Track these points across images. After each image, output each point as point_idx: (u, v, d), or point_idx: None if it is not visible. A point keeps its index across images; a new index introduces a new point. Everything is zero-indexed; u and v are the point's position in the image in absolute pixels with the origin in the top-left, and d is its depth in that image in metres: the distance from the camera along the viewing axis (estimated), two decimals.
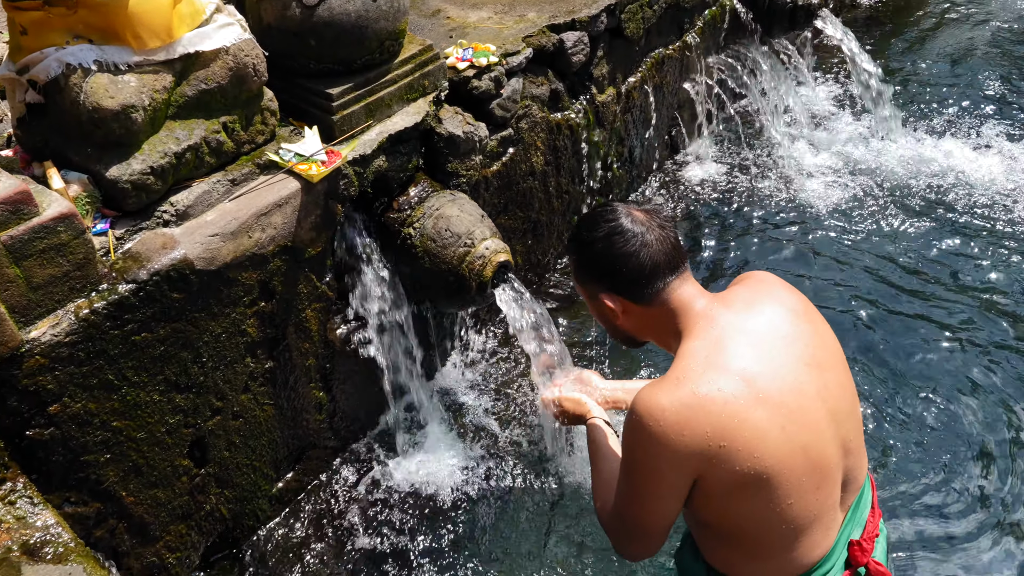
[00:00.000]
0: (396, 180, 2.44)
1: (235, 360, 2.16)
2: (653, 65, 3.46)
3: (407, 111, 2.44)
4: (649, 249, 1.54)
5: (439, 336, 2.79)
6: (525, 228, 3.06)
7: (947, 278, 3.10)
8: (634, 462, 1.52)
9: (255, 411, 2.28)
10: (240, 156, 2.15)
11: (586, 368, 2.33)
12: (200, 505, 2.22)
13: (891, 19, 4.96)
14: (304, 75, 2.30)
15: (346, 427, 2.61)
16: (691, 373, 1.48)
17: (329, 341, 2.42)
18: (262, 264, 2.12)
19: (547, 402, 2.05)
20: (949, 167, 3.65)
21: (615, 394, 2.06)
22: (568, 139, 3.10)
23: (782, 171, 3.75)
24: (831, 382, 1.56)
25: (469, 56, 2.65)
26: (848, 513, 1.62)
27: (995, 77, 4.31)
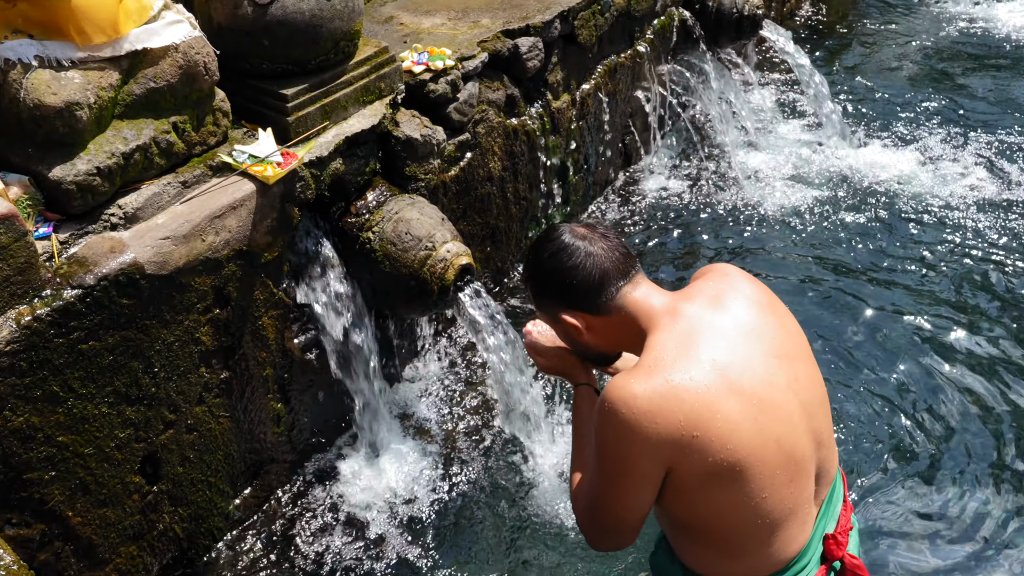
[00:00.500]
0: (353, 184, 2.39)
1: (188, 370, 2.07)
2: (606, 73, 3.48)
3: (363, 113, 2.40)
4: (595, 258, 1.56)
5: (400, 343, 2.73)
6: (484, 234, 3.03)
7: (893, 274, 3.19)
8: (606, 450, 1.50)
9: (210, 424, 2.18)
10: (191, 158, 2.08)
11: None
12: (153, 524, 2.11)
13: (828, 33, 5.11)
14: (257, 76, 2.24)
15: (306, 440, 2.52)
16: (663, 363, 1.46)
17: (287, 350, 2.34)
18: (216, 269, 2.04)
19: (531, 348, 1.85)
20: (889, 171, 3.76)
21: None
22: (525, 145, 3.09)
23: (733, 177, 3.81)
24: (801, 374, 1.56)
25: (425, 60, 2.63)
26: (822, 507, 1.61)
27: (927, 87, 4.47)
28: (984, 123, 4.07)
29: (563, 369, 1.82)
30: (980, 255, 3.23)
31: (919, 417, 2.59)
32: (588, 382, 1.78)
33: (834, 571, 1.59)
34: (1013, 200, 3.51)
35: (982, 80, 4.50)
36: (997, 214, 3.44)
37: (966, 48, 4.83)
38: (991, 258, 3.22)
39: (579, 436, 1.72)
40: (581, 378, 1.79)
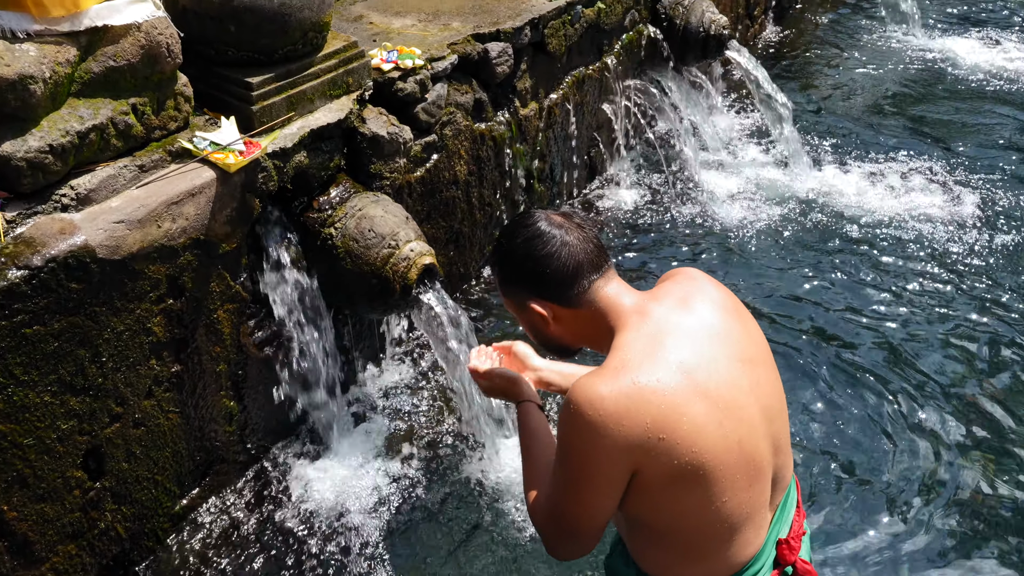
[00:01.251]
0: (317, 178, 2.35)
1: (138, 361, 1.99)
2: (574, 83, 3.50)
3: (330, 107, 2.36)
4: (570, 248, 1.53)
5: (359, 342, 2.68)
6: (447, 238, 3.00)
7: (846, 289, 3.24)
8: (570, 453, 1.47)
9: (159, 419, 2.10)
10: (150, 142, 2.01)
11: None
12: (94, 523, 2.02)
13: (790, 58, 5.22)
14: (222, 63, 2.19)
15: (258, 439, 2.45)
16: (630, 364, 1.44)
17: (242, 345, 2.28)
18: (172, 257, 1.98)
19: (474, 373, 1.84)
20: (845, 192, 3.84)
21: (550, 375, 1.97)
22: (491, 150, 3.08)
23: (695, 194, 3.84)
24: (762, 379, 1.56)
25: (394, 58, 2.60)
26: (776, 512, 1.61)
27: (883, 113, 4.59)
28: (936, 147, 4.19)
29: (504, 390, 1.80)
30: (930, 271, 3.30)
31: (871, 427, 2.62)
32: (530, 399, 1.76)
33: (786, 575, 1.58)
34: (963, 219, 3.61)
35: (936, 107, 4.63)
36: (948, 232, 3.53)
37: (922, 77, 4.98)
38: (940, 273, 3.29)
39: (528, 452, 1.69)
40: (523, 396, 1.76)
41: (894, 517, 2.34)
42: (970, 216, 3.64)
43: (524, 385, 1.78)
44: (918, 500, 2.38)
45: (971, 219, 3.62)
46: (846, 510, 2.37)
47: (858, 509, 2.37)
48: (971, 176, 3.93)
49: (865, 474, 2.47)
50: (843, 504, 2.39)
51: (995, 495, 2.40)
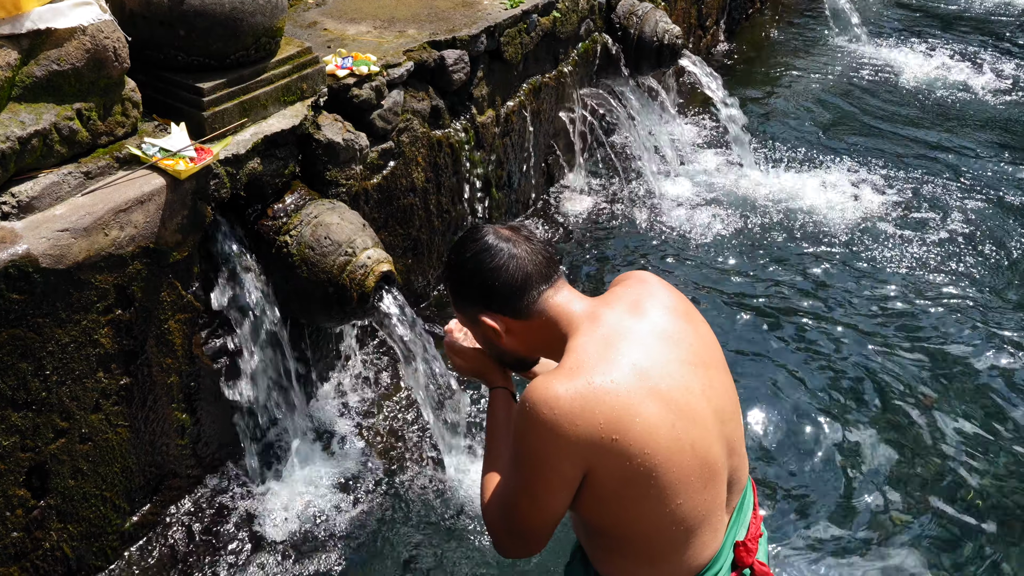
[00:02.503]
0: (271, 186, 2.31)
1: (85, 375, 1.93)
2: (531, 91, 3.50)
3: (284, 114, 2.33)
4: (518, 261, 1.55)
5: (315, 352, 2.63)
6: (405, 246, 2.98)
7: (799, 291, 3.31)
8: (525, 452, 1.47)
9: (107, 434, 2.04)
10: (97, 148, 1.96)
11: None
12: (38, 543, 1.94)
13: (742, 69, 5.31)
14: (172, 68, 2.15)
15: (212, 453, 2.39)
16: (585, 365, 1.46)
17: (195, 356, 2.22)
18: (120, 266, 1.92)
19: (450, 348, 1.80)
20: (797, 196, 3.92)
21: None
22: (449, 157, 3.06)
23: (651, 200, 3.88)
24: (715, 381, 1.57)
25: (349, 64, 2.58)
26: (733, 514, 1.62)
27: (833, 120, 4.69)
28: (883, 152, 4.30)
29: (480, 371, 1.77)
30: (879, 270, 3.38)
31: (827, 428, 2.66)
32: (505, 385, 1.74)
33: None
34: (910, 221, 3.70)
35: (883, 114, 4.75)
36: (896, 234, 3.62)
37: (869, 85, 5.11)
38: (890, 272, 3.37)
39: (492, 440, 1.68)
40: (498, 381, 1.75)
41: (851, 518, 2.38)
42: (918, 217, 3.74)
43: (500, 370, 1.75)
44: (875, 500, 2.42)
45: (919, 220, 3.72)
46: (802, 511, 2.40)
47: (814, 509, 2.40)
48: (916, 178, 4.04)
49: (821, 474, 2.51)
50: (800, 505, 2.41)
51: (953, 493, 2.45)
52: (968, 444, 2.60)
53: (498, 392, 1.74)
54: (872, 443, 2.60)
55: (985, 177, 4.09)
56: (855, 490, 2.45)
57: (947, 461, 2.54)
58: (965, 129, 4.59)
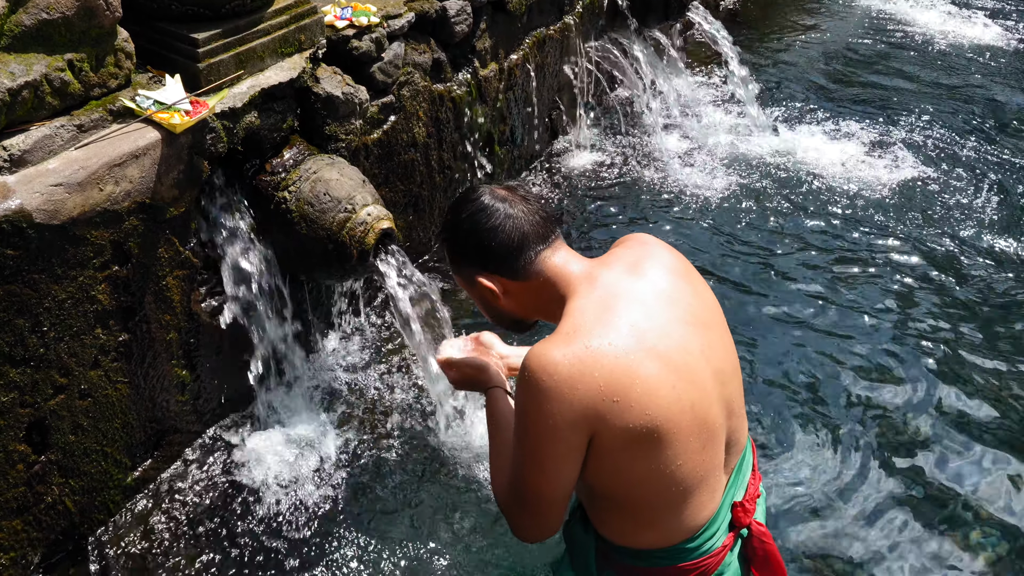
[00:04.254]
0: (269, 140, 2.27)
1: (83, 331, 1.92)
2: (534, 44, 3.43)
3: (282, 66, 2.27)
4: (515, 221, 1.53)
5: (315, 310, 2.62)
6: (406, 202, 2.94)
7: (809, 254, 3.26)
8: (528, 421, 1.46)
9: (106, 390, 2.03)
10: (89, 100, 1.92)
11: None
12: (40, 497, 1.95)
13: (751, 24, 5.20)
14: (166, 18, 2.09)
15: (212, 409, 2.39)
16: (582, 328, 1.45)
17: (193, 313, 2.21)
18: (116, 222, 1.90)
19: (443, 364, 1.87)
20: (806, 156, 3.86)
21: (517, 361, 1.97)
22: (451, 112, 3.01)
23: (658, 157, 3.82)
24: (714, 342, 1.56)
25: (348, 15, 2.51)
26: (731, 475, 1.62)
27: (843, 77, 4.61)
28: (897, 111, 4.22)
29: (473, 378, 1.81)
30: (890, 237, 3.34)
31: (831, 390, 2.65)
32: (499, 385, 1.77)
33: (741, 538, 1.60)
34: (923, 183, 3.65)
35: (895, 71, 4.66)
36: (909, 198, 3.57)
37: (883, 42, 5.00)
38: (896, 233, 3.33)
39: (495, 433, 1.69)
40: (492, 382, 1.77)
41: (850, 478, 2.38)
42: (929, 175, 3.68)
43: (491, 372, 1.78)
44: (876, 464, 2.42)
45: (930, 178, 3.66)
46: (801, 472, 2.40)
47: (813, 471, 2.41)
48: (928, 134, 3.98)
49: (820, 434, 2.51)
50: (798, 466, 2.42)
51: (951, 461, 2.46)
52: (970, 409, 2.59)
53: (493, 391, 1.76)
54: (875, 407, 2.60)
55: (1003, 128, 4.02)
56: (856, 453, 2.45)
57: (946, 426, 2.53)
58: (973, 85, 4.50)
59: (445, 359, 1.82)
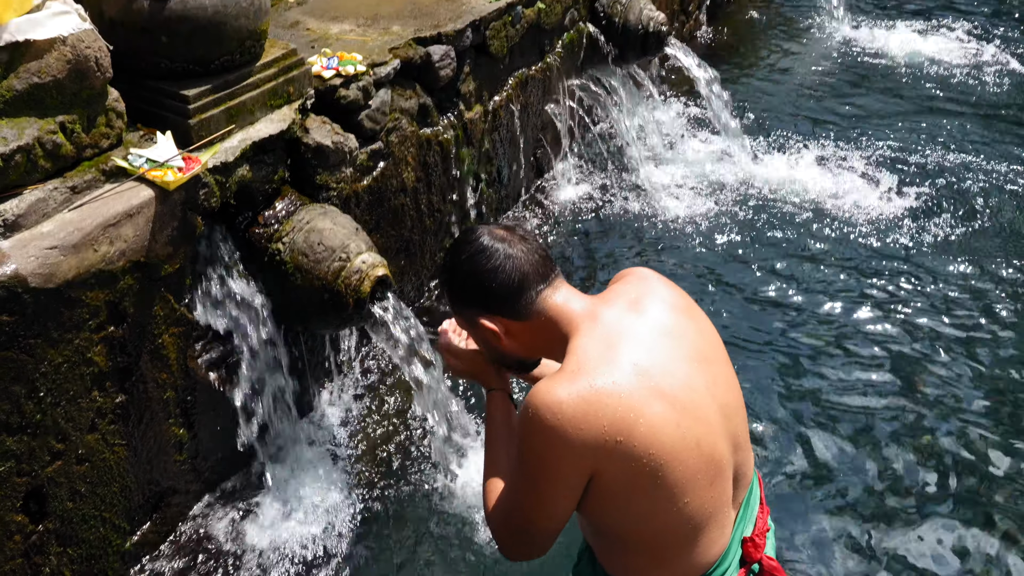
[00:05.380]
0: (261, 192, 2.26)
1: (79, 394, 1.88)
2: (517, 85, 3.46)
3: (271, 118, 2.28)
4: (515, 261, 1.53)
5: (311, 361, 2.59)
6: (398, 247, 2.94)
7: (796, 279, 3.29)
8: (529, 458, 1.45)
9: (104, 453, 1.99)
10: (81, 161, 1.90)
11: None
12: (38, 568, 1.90)
13: (725, 54, 5.29)
14: (155, 76, 2.09)
15: (211, 467, 2.34)
16: (586, 367, 1.44)
17: (190, 370, 2.18)
18: (111, 282, 1.87)
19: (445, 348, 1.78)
20: (786, 182, 3.91)
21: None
22: (438, 155, 3.02)
23: (641, 189, 3.86)
24: (718, 377, 1.56)
25: (335, 65, 2.53)
26: (740, 510, 1.61)
27: (818, 104, 4.68)
28: (870, 135, 4.29)
29: (476, 372, 1.75)
30: (871, 255, 3.38)
31: (829, 421, 2.65)
32: (502, 387, 1.73)
33: (752, 573, 1.59)
34: (900, 207, 3.70)
35: (871, 97, 4.75)
36: (886, 220, 3.62)
37: (854, 67, 5.10)
38: (881, 259, 3.37)
39: (492, 443, 1.67)
40: (495, 383, 1.73)
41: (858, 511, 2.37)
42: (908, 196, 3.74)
43: (496, 370, 1.73)
44: (883, 492, 2.42)
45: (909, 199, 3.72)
46: (809, 505, 2.39)
47: (822, 503, 2.40)
48: (904, 157, 4.05)
49: (828, 467, 2.50)
50: (806, 499, 2.41)
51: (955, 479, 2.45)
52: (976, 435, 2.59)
53: (495, 394, 1.72)
54: (879, 434, 2.60)
55: (972, 151, 4.11)
56: (863, 483, 2.44)
57: (953, 452, 2.54)
58: (947, 105, 4.60)
59: (447, 344, 1.76)
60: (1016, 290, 3.18)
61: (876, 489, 2.42)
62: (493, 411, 1.71)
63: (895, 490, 2.41)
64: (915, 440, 2.56)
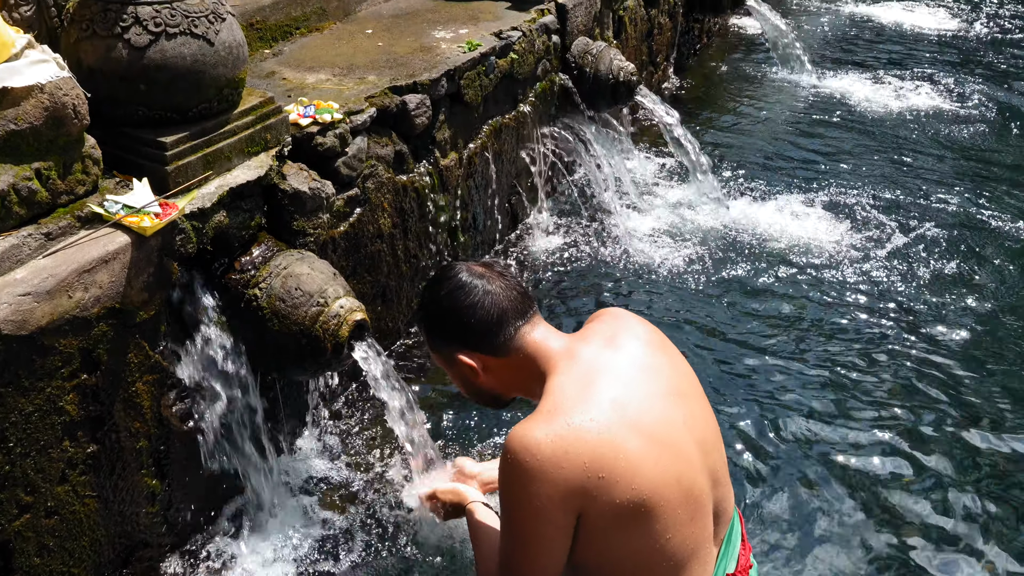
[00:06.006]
0: (238, 238, 2.26)
1: (50, 444, 1.84)
2: (492, 132, 3.52)
3: (249, 165, 2.29)
4: (493, 297, 1.54)
5: (287, 407, 2.56)
6: (374, 293, 2.93)
7: (769, 321, 3.34)
8: (514, 505, 1.44)
9: (74, 506, 1.94)
10: (57, 208, 1.89)
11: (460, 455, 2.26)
12: None
13: (694, 105, 5.43)
14: (132, 124, 2.10)
15: (184, 519, 2.29)
16: (563, 406, 1.45)
17: (164, 419, 2.14)
18: (85, 329, 1.85)
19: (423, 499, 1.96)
20: (757, 226, 3.99)
21: (492, 474, 1.99)
22: (415, 202, 3.05)
23: (615, 235, 3.90)
24: (695, 412, 1.58)
25: (312, 112, 2.55)
26: (721, 547, 1.61)
27: (784, 149, 4.81)
28: (836, 180, 4.40)
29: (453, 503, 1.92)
30: (840, 293, 3.44)
31: (809, 455, 2.66)
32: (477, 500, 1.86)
33: None
34: (867, 247, 3.78)
35: (830, 142, 4.89)
36: (855, 262, 3.69)
37: (816, 115, 5.26)
38: (849, 300, 3.43)
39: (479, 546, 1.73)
40: (468, 500, 1.87)
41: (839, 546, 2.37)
42: (874, 242, 3.82)
43: (468, 491, 1.88)
44: (863, 527, 2.42)
45: (874, 245, 3.80)
46: (791, 541, 2.38)
47: (803, 539, 2.39)
48: (868, 201, 4.15)
49: (807, 502, 2.50)
50: (787, 535, 2.40)
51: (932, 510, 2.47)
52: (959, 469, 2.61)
53: (473, 506, 1.83)
54: (855, 468, 2.61)
55: (934, 193, 4.23)
56: (842, 517, 2.45)
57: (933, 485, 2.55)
58: (909, 149, 4.75)
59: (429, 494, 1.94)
60: (982, 318, 3.25)
61: (859, 525, 2.42)
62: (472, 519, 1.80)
63: (877, 524, 2.42)
64: (897, 476, 2.58)
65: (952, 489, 2.52)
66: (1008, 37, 6.69)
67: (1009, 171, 4.54)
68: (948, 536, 2.38)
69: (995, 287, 3.52)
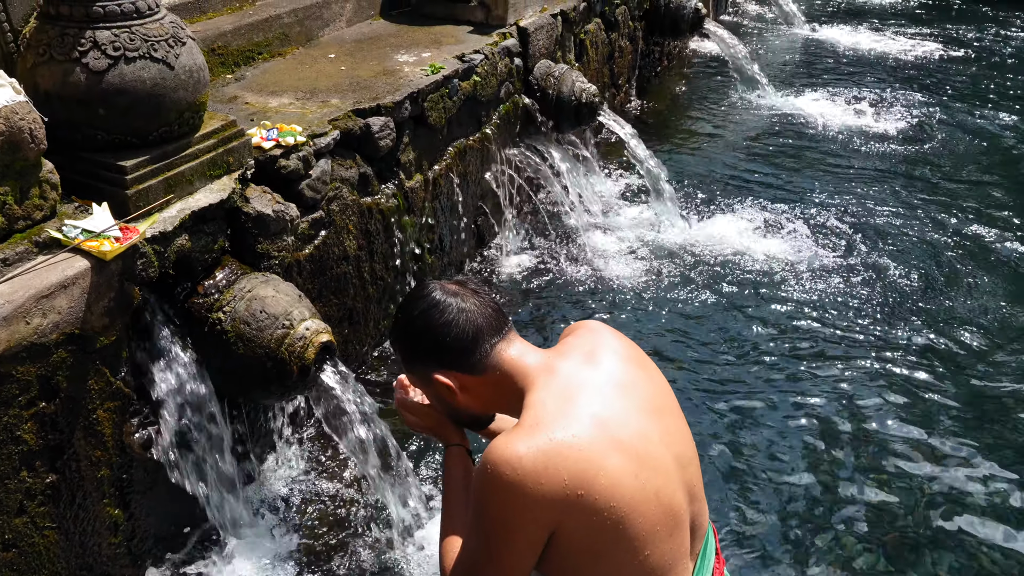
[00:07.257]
0: (201, 262, 2.24)
1: (7, 475, 1.79)
2: (456, 154, 3.54)
3: (211, 188, 2.28)
4: (468, 314, 1.52)
5: (253, 432, 2.53)
6: (341, 316, 2.92)
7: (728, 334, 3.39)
8: (487, 516, 1.42)
9: (33, 538, 1.89)
10: (13, 233, 1.87)
11: None
12: None
13: (656, 126, 5.52)
14: (92, 148, 2.08)
15: (147, 550, 2.24)
16: (545, 421, 1.43)
17: (126, 447, 2.10)
18: (43, 355, 1.81)
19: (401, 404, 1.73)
20: (720, 242, 4.06)
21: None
22: (380, 223, 3.05)
23: (581, 254, 3.94)
24: (671, 427, 1.57)
25: (275, 136, 2.55)
26: (697, 561, 1.61)
27: (745, 168, 4.91)
28: (795, 195, 4.50)
29: (434, 428, 1.71)
30: (800, 311, 3.50)
31: (782, 469, 2.69)
32: (460, 443, 1.69)
33: None
34: (826, 261, 3.86)
35: (789, 159, 5.00)
36: (814, 274, 3.76)
37: (775, 133, 5.37)
38: (810, 313, 3.49)
39: (450, 501, 1.63)
40: (453, 438, 1.69)
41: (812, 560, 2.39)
42: (834, 257, 3.90)
43: (454, 427, 1.70)
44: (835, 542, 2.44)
45: (835, 259, 3.88)
46: (764, 555, 2.40)
47: (776, 553, 2.41)
48: (827, 217, 4.24)
49: (781, 516, 2.52)
50: (761, 549, 2.42)
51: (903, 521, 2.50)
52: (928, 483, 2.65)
53: (454, 450, 1.69)
54: (831, 482, 2.64)
55: (886, 208, 4.33)
56: (815, 532, 2.47)
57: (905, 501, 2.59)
58: (865, 167, 4.86)
59: (403, 400, 1.72)
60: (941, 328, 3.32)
61: (831, 537, 2.44)
62: (452, 467, 1.67)
63: (851, 536, 2.44)
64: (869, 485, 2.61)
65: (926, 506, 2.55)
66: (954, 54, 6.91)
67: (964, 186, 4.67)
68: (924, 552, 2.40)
69: (954, 295, 3.60)
